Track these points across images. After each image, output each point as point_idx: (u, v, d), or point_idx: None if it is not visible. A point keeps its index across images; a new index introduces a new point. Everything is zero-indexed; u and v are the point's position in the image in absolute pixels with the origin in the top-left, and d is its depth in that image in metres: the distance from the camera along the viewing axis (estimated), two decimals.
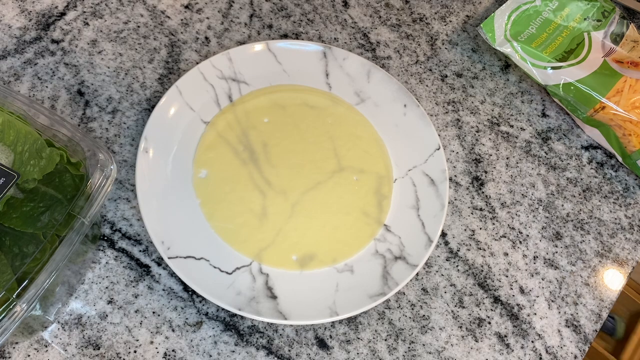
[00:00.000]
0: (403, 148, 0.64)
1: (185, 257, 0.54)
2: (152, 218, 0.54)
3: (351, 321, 0.56)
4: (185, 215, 0.56)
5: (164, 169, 0.58)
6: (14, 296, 0.41)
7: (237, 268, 0.55)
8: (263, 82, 0.64)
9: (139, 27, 0.67)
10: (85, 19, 0.66)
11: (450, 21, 0.75)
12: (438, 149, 0.63)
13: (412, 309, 0.58)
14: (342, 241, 0.58)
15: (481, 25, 0.69)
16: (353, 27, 0.72)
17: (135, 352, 0.52)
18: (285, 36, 0.70)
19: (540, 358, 0.58)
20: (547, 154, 0.68)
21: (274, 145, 0.61)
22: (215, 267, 0.55)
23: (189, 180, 0.58)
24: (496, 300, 0.60)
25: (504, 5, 0.71)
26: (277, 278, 0.56)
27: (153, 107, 0.61)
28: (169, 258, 0.53)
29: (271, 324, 0.55)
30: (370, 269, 0.57)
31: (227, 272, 0.55)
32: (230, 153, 0.60)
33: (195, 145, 0.60)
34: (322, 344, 0.55)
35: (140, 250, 0.56)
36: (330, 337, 0.55)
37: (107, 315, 0.53)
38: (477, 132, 0.68)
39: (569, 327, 0.60)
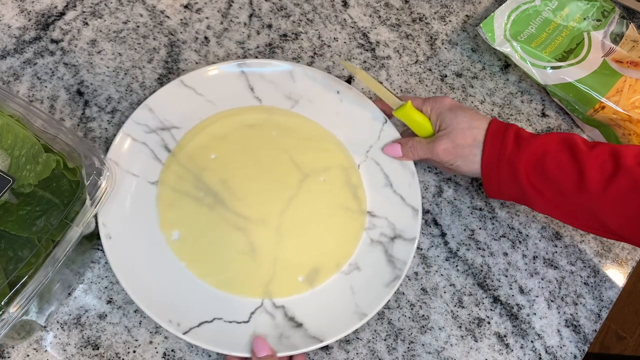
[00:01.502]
0: (353, 133, 0.63)
1: (198, 325, 0.51)
2: (150, 303, 0.51)
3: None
4: (178, 284, 0.53)
5: (136, 247, 0.54)
6: (4, 301, 0.41)
7: (252, 313, 0.54)
8: (193, 120, 0.60)
9: (138, 27, 0.67)
10: (85, 18, 0.66)
11: (450, 21, 0.75)
12: (385, 122, 0.63)
13: (412, 309, 0.58)
14: (337, 243, 0.58)
15: (481, 25, 0.69)
16: (352, 27, 0.72)
17: (134, 352, 0.52)
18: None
19: (540, 358, 0.58)
20: None
21: (232, 178, 0.58)
22: (231, 322, 0.53)
23: (164, 247, 0.54)
24: (496, 300, 0.60)
25: (503, 5, 0.71)
26: (294, 306, 0.54)
27: None
28: (184, 334, 0.50)
29: None
30: (374, 259, 0.57)
31: (244, 322, 0.53)
32: (193, 204, 0.56)
33: (155, 209, 0.56)
34: None
35: None
36: None
37: (106, 315, 0.53)
38: None
39: (568, 327, 0.60)
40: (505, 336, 0.58)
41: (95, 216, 0.52)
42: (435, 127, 0.59)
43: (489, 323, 0.59)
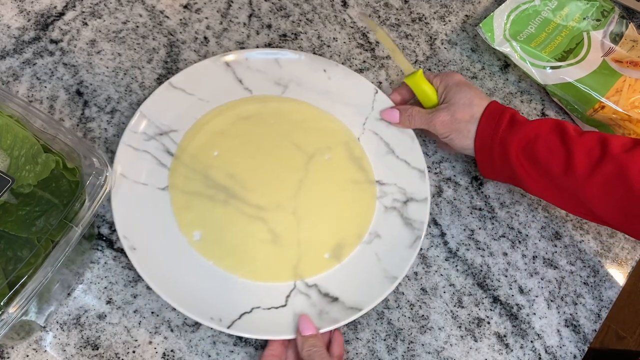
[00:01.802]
0: (347, 108, 0.64)
1: (239, 317, 0.52)
2: (188, 304, 0.51)
3: (350, 321, 0.56)
4: (210, 282, 0.54)
5: (162, 254, 0.54)
6: (4, 301, 0.41)
7: (287, 296, 0.55)
8: (189, 120, 0.60)
9: (137, 27, 0.67)
10: (84, 19, 0.66)
11: (450, 21, 0.75)
12: (377, 92, 0.64)
13: (412, 309, 0.58)
14: (354, 216, 0.59)
15: (480, 24, 0.69)
16: (352, 27, 0.72)
17: (134, 352, 0.52)
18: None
19: (540, 358, 0.58)
20: None
21: (239, 171, 0.59)
22: (269, 309, 0.54)
23: (189, 249, 0.55)
24: (495, 300, 0.60)
25: (503, 4, 0.71)
26: (326, 282, 0.56)
27: None
28: (228, 328, 0.51)
29: None
30: (392, 224, 0.59)
31: (282, 306, 0.54)
32: (207, 202, 0.57)
33: (171, 214, 0.56)
34: None
35: None
36: None
37: (105, 316, 0.53)
38: None
39: (568, 326, 0.60)
40: (505, 336, 0.58)
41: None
42: (440, 100, 0.61)
43: (488, 323, 0.59)
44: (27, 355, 0.51)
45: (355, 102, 0.64)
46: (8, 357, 0.50)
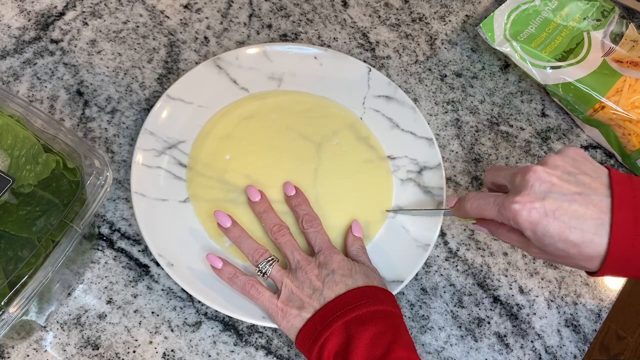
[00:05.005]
0: (344, 91, 0.65)
1: None
2: (237, 308, 0.52)
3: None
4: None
5: (199, 265, 0.54)
6: (4, 301, 0.41)
7: None
8: (194, 129, 0.61)
9: (138, 27, 0.67)
10: (85, 18, 0.66)
11: (450, 21, 0.75)
12: (370, 71, 0.65)
13: (412, 308, 0.58)
14: (374, 194, 0.60)
15: (481, 24, 0.69)
16: (352, 27, 0.72)
17: (134, 352, 0.52)
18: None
19: (540, 358, 0.58)
20: (546, 153, 0.68)
21: (254, 171, 0.59)
22: None
23: (225, 255, 0.55)
24: (495, 300, 0.60)
25: (503, 4, 0.71)
26: None
27: (152, 106, 0.61)
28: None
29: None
30: (411, 195, 0.61)
31: None
32: (230, 207, 0.57)
33: (199, 224, 0.57)
34: None
35: (139, 250, 0.56)
36: None
37: (106, 315, 0.53)
38: (476, 131, 0.68)
39: (568, 326, 0.60)
40: (505, 336, 0.58)
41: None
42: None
43: (489, 323, 0.59)
44: (28, 355, 0.51)
45: (351, 84, 0.65)
46: (8, 357, 0.50)
